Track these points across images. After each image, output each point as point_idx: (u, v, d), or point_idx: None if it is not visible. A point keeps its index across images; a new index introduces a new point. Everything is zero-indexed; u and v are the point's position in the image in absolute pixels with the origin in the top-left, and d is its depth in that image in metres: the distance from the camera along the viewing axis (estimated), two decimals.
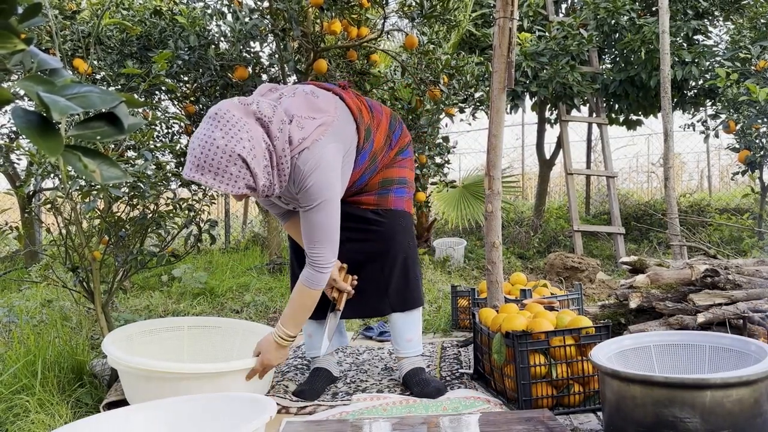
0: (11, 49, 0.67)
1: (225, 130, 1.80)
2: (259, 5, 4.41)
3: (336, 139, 1.98)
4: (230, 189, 1.80)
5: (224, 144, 1.78)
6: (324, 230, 1.98)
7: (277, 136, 1.87)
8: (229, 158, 1.78)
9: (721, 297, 2.30)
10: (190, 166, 1.80)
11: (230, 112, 1.83)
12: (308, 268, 2.02)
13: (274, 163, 1.89)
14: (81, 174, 0.74)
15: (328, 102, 2.05)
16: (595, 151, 9.03)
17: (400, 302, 2.28)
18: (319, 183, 1.93)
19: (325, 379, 2.33)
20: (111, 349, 2.05)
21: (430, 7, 4.31)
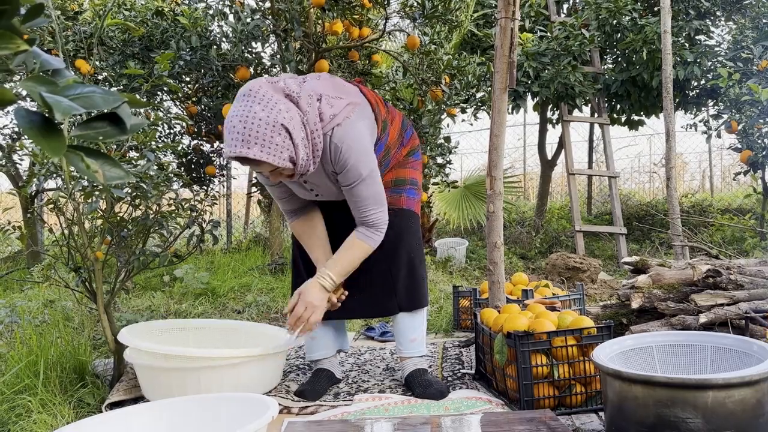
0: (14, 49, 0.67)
1: (263, 104, 1.82)
2: (260, 6, 4.41)
3: (364, 117, 2.03)
4: (276, 160, 1.81)
5: (266, 115, 1.80)
6: (373, 198, 2.05)
7: (306, 111, 1.89)
8: (273, 128, 1.80)
9: (723, 297, 2.30)
10: (234, 143, 1.78)
11: (262, 88, 1.85)
12: (367, 228, 2.08)
13: (309, 137, 1.91)
14: (83, 174, 0.74)
15: (352, 87, 2.10)
16: (596, 152, 9.02)
17: (408, 302, 2.28)
18: (358, 159, 1.97)
19: (328, 380, 2.33)
20: (135, 341, 2.14)
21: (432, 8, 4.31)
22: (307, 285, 2.10)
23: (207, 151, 5.81)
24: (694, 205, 7.86)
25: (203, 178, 5.74)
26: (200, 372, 2.07)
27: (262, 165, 1.84)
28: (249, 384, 2.13)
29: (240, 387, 2.10)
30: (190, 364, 2.07)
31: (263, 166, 1.85)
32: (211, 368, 2.08)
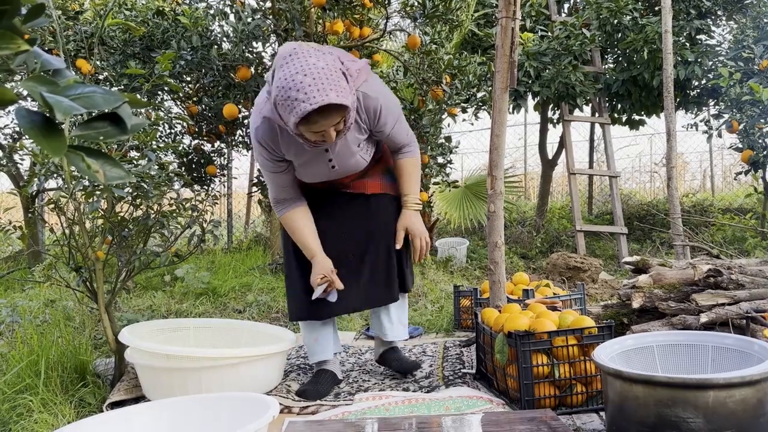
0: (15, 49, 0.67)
1: (316, 56, 1.85)
2: (261, 5, 4.41)
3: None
4: (350, 103, 1.85)
5: (325, 64, 1.84)
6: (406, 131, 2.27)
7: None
8: (336, 74, 1.84)
9: (724, 297, 2.30)
10: (311, 96, 1.77)
11: (302, 46, 1.89)
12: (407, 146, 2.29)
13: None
14: (84, 174, 0.74)
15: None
16: (597, 151, 9.01)
17: (402, 285, 2.37)
18: (391, 103, 2.14)
19: (330, 380, 2.33)
20: (136, 340, 2.15)
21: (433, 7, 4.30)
22: (409, 220, 2.28)
23: (208, 150, 5.81)
24: (695, 204, 7.85)
25: (204, 177, 5.74)
26: (201, 372, 2.08)
27: (336, 115, 1.85)
28: (250, 384, 2.14)
29: (241, 387, 2.10)
30: (191, 363, 2.08)
31: (335, 116, 1.85)
32: (212, 368, 2.09)
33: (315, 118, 1.82)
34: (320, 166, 2.16)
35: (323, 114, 1.82)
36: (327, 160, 2.15)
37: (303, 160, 2.14)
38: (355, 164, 2.20)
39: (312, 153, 2.10)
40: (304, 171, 2.19)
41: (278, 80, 1.83)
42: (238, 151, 6.26)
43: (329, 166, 2.16)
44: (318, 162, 2.14)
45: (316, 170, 2.18)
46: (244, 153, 6.64)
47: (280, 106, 1.84)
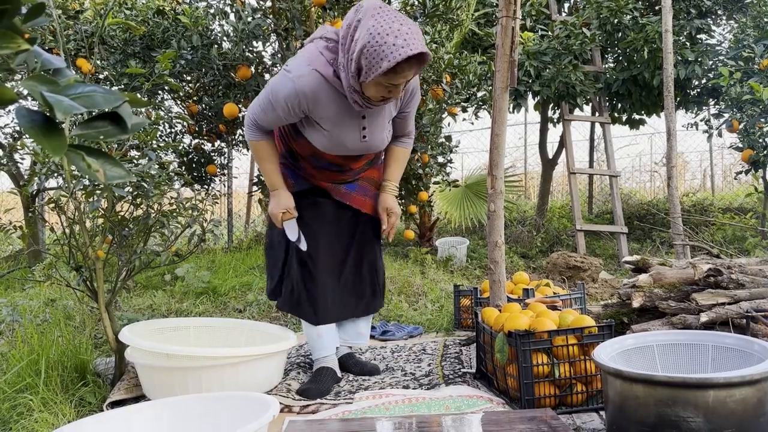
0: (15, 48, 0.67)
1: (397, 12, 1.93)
2: (261, 5, 4.41)
3: None
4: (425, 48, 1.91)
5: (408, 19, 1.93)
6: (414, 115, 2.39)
7: None
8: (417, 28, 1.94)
9: (724, 296, 2.30)
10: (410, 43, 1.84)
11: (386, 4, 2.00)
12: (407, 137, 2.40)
13: None
14: (85, 173, 0.74)
15: None
16: (597, 151, 9.01)
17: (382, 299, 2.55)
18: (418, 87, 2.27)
19: (331, 378, 2.34)
20: (136, 340, 2.15)
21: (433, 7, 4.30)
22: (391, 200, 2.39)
23: (208, 150, 5.81)
24: (695, 204, 7.85)
25: (204, 177, 5.74)
26: (201, 371, 2.08)
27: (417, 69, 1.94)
28: (250, 383, 2.14)
29: (241, 386, 2.10)
30: (191, 363, 2.08)
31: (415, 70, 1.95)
32: (212, 367, 2.09)
33: (405, 66, 1.88)
34: (353, 134, 2.17)
35: (412, 64, 1.89)
36: (361, 128, 2.17)
37: (338, 124, 2.13)
38: (381, 141, 2.25)
39: (350, 118, 2.13)
40: (335, 136, 2.15)
41: (372, 27, 1.86)
42: (238, 151, 6.27)
43: (361, 135, 2.18)
44: (352, 129, 2.16)
45: (347, 137, 2.17)
46: (245, 152, 6.64)
47: (372, 52, 1.86)
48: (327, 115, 2.11)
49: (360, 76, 1.96)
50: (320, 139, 2.17)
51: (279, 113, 2.11)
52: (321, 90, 2.05)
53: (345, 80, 2.01)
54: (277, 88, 2.07)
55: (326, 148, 2.20)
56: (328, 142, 2.17)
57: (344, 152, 2.22)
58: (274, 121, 2.17)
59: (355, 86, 1.99)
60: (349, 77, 1.99)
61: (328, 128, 2.14)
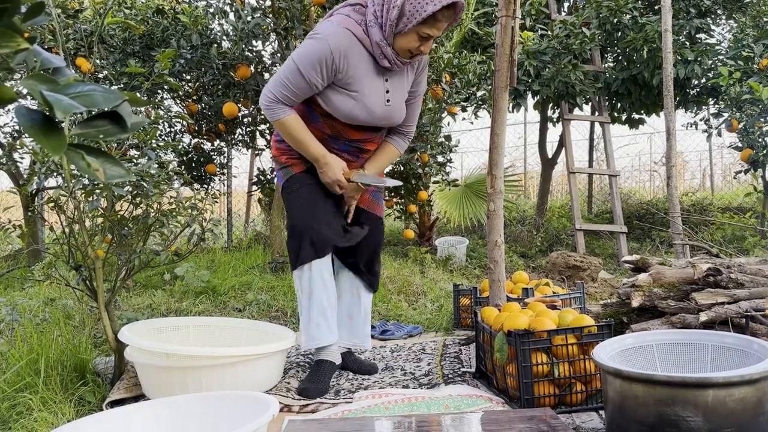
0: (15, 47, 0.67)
1: None
2: (261, 4, 4.41)
3: None
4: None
5: None
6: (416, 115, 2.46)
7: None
8: None
9: (723, 296, 2.30)
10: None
11: None
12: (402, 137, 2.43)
13: None
14: (84, 172, 0.74)
15: None
16: (597, 150, 9.01)
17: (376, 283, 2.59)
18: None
19: (329, 372, 2.33)
20: (136, 339, 2.15)
21: None
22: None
23: (207, 149, 5.81)
24: (694, 203, 7.85)
25: (204, 176, 5.74)
26: (201, 370, 2.08)
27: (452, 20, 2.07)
28: (249, 382, 2.14)
29: (240, 385, 2.10)
30: (191, 362, 2.08)
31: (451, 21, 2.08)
32: (211, 367, 2.09)
33: (445, 13, 2.02)
34: (378, 97, 2.22)
35: (450, 12, 2.04)
36: (385, 90, 2.23)
37: (366, 85, 2.18)
38: (400, 110, 2.31)
39: (376, 80, 2.20)
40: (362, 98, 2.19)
41: None
42: (237, 150, 6.26)
43: (385, 99, 2.24)
44: (377, 92, 2.21)
45: (373, 100, 2.21)
46: (244, 152, 6.64)
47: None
48: (357, 74, 2.16)
49: (399, 24, 2.06)
50: (347, 104, 2.18)
51: (310, 79, 2.11)
52: (353, 47, 2.12)
53: (377, 35, 2.11)
54: (309, 51, 2.09)
55: (352, 115, 2.20)
56: (355, 106, 2.19)
57: (369, 119, 2.24)
58: (303, 90, 2.15)
59: (388, 39, 2.10)
60: (385, 28, 2.09)
61: (357, 89, 2.17)
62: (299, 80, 2.12)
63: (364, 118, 2.23)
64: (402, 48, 2.12)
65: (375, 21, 2.11)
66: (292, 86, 2.14)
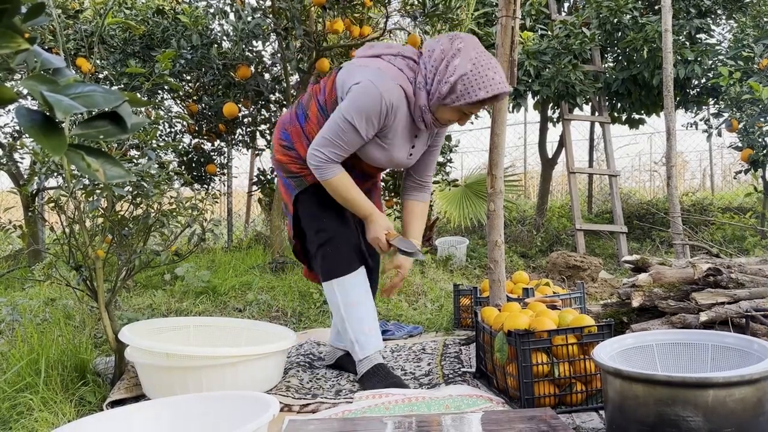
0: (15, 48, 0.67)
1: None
2: (261, 4, 4.41)
3: None
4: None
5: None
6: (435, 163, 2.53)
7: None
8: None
9: (723, 296, 2.30)
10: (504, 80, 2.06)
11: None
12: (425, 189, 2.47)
13: None
14: (84, 173, 0.74)
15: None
16: (597, 150, 9.01)
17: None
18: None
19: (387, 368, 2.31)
20: (136, 339, 2.15)
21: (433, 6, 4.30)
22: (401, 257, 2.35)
23: (208, 149, 5.81)
24: (694, 203, 7.85)
25: (204, 176, 5.74)
26: (201, 370, 2.08)
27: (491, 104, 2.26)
28: (250, 382, 2.14)
29: (241, 385, 2.10)
30: (191, 362, 2.08)
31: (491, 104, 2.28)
32: (212, 367, 2.09)
33: (492, 99, 2.08)
34: (403, 151, 2.26)
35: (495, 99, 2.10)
36: (411, 146, 2.28)
37: (398, 139, 2.21)
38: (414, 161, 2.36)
39: (407, 136, 2.24)
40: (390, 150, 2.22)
41: (476, 59, 2.03)
42: (238, 150, 6.27)
43: (408, 153, 2.28)
44: (404, 146, 2.26)
45: (399, 153, 2.25)
46: (244, 152, 6.64)
47: (473, 79, 2.02)
48: (395, 129, 2.18)
49: (447, 98, 2.07)
50: (373, 152, 2.22)
51: (364, 133, 2.12)
52: (402, 105, 2.14)
53: (423, 99, 2.13)
54: (364, 106, 2.07)
55: (373, 160, 2.25)
56: (380, 155, 2.23)
57: (388, 166, 2.31)
58: (356, 145, 2.15)
59: (432, 107, 2.14)
60: (432, 98, 2.11)
61: (389, 142, 2.20)
62: (354, 137, 2.12)
63: (384, 164, 2.29)
64: (442, 118, 2.16)
65: (424, 86, 2.12)
66: (345, 143, 2.13)
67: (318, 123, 2.26)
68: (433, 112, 2.15)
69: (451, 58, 2.05)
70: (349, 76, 2.16)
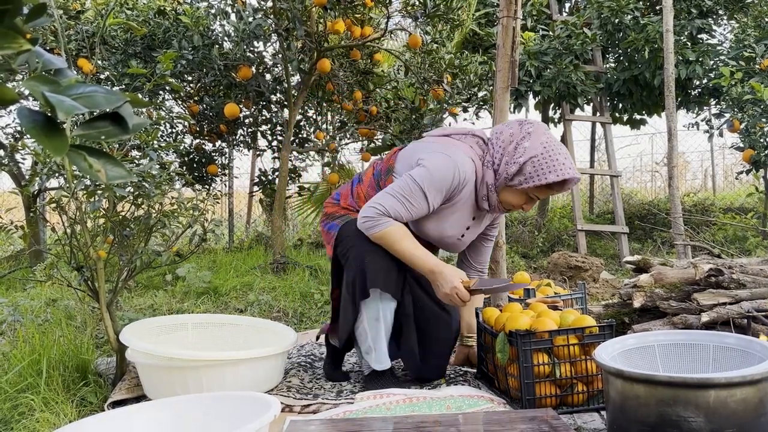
0: (17, 49, 0.67)
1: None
2: (262, 5, 4.41)
3: None
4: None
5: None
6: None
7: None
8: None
9: (725, 296, 2.30)
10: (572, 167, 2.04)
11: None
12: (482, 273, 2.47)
13: None
14: (86, 173, 0.74)
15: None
16: (598, 151, 9.00)
17: None
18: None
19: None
20: (135, 341, 2.14)
21: (434, 7, 4.30)
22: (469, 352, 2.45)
23: (209, 150, 5.82)
24: (696, 204, 7.84)
25: (205, 177, 5.75)
26: (202, 371, 2.08)
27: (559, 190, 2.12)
28: (251, 382, 2.14)
29: (242, 385, 2.10)
30: (192, 363, 2.08)
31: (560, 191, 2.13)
32: (213, 367, 2.09)
33: (561, 185, 2.06)
34: (455, 229, 2.19)
35: (564, 185, 2.07)
36: (465, 228, 2.21)
37: (454, 216, 2.16)
38: (463, 246, 2.30)
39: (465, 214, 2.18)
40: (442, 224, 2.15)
41: (546, 143, 2.03)
42: (239, 151, 6.27)
43: (461, 233, 2.21)
44: (458, 225, 2.19)
45: (450, 230, 2.17)
46: (245, 152, 6.64)
47: (543, 162, 2.00)
48: (456, 204, 2.13)
49: (514, 179, 2.05)
50: (427, 222, 2.13)
51: (432, 203, 2.05)
52: (471, 180, 2.10)
53: (490, 178, 2.09)
54: (435, 172, 2.02)
55: (424, 232, 2.16)
56: (433, 227, 2.15)
57: (438, 243, 2.24)
58: (421, 212, 2.07)
59: (498, 187, 2.10)
60: (500, 178, 2.07)
61: (446, 216, 2.14)
62: (421, 201, 2.04)
63: (434, 239, 2.20)
64: (507, 201, 2.11)
65: (491, 165, 2.09)
66: (409, 204, 2.03)
67: (370, 185, 2.22)
68: (498, 193, 2.10)
69: (520, 140, 2.04)
70: (416, 151, 2.13)
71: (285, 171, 4.92)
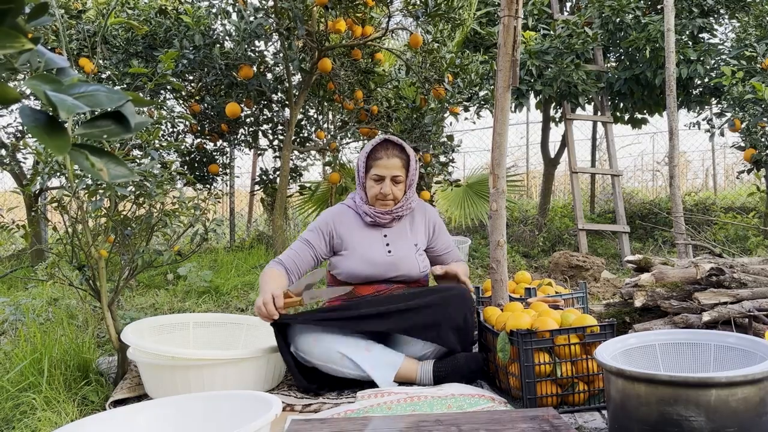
0: (19, 48, 0.67)
1: None
2: (263, 4, 4.41)
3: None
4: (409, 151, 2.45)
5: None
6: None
7: None
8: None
9: (726, 296, 2.30)
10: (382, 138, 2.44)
11: None
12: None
13: None
14: (88, 172, 0.74)
15: None
16: (599, 150, 9.00)
17: None
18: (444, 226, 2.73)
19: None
20: (137, 341, 2.16)
21: (435, 6, 4.30)
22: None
23: (210, 149, 5.82)
24: (697, 203, 7.84)
25: (206, 176, 5.75)
26: (203, 370, 2.08)
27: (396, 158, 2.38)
28: (252, 382, 2.14)
29: (243, 385, 2.10)
30: (194, 362, 2.08)
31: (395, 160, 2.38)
32: (214, 366, 2.09)
33: (380, 152, 2.32)
34: (377, 247, 2.39)
35: (386, 149, 2.33)
36: (384, 243, 2.41)
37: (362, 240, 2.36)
38: (408, 258, 2.41)
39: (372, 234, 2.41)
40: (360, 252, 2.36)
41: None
42: (240, 150, 6.27)
43: (386, 249, 2.38)
44: (374, 242, 2.40)
45: (372, 252, 2.36)
46: (247, 152, 6.64)
47: (361, 154, 2.38)
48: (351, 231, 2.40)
49: (359, 179, 2.41)
50: (350, 262, 2.35)
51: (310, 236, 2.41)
52: (343, 214, 2.45)
53: (359, 198, 2.44)
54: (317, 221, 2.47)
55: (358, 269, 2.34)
56: (357, 260, 2.35)
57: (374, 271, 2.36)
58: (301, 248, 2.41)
59: (364, 198, 2.43)
60: (359, 190, 2.43)
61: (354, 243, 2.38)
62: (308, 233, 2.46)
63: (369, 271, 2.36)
64: (372, 197, 2.40)
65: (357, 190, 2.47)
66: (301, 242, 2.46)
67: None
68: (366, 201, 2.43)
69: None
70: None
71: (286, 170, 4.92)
